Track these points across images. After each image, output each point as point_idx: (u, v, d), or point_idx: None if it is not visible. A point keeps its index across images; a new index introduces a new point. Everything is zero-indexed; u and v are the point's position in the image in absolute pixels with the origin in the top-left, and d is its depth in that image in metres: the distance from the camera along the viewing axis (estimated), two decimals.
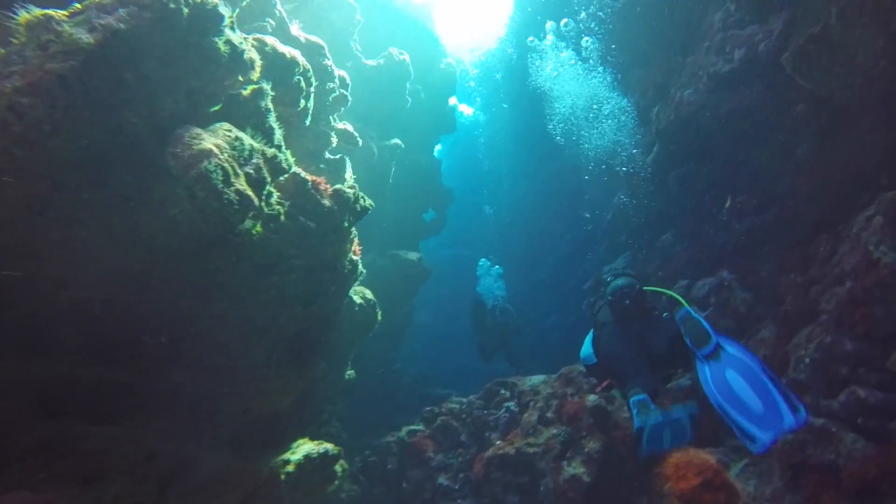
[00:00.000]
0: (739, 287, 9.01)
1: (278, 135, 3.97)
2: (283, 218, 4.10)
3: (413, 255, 10.14)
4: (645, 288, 5.09)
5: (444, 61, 13.02)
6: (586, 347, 5.22)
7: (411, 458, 7.66)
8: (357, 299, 6.37)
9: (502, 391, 7.73)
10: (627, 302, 4.86)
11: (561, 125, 13.24)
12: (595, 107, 11.89)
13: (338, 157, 6.09)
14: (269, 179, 3.67)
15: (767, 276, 8.21)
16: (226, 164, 2.97)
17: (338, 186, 4.67)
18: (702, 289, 9.16)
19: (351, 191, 4.83)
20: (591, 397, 6.86)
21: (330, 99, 5.95)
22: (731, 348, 3.94)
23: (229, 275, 4.06)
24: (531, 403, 7.16)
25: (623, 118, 11.21)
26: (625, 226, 12.65)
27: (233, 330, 4.40)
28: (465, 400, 7.92)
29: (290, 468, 4.63)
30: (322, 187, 4.55)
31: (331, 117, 6.04)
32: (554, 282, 17.98)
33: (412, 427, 8.10)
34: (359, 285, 6.83)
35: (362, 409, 10.67)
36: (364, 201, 5.08)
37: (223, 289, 4.14)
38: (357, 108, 7.56)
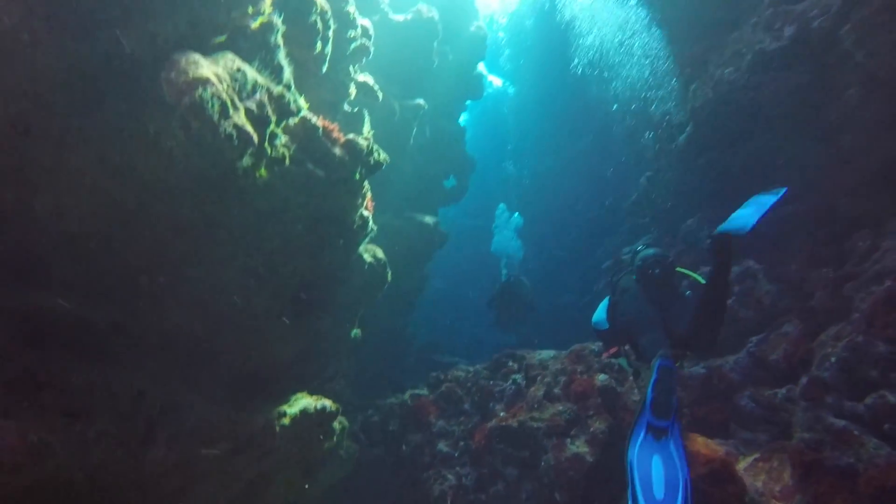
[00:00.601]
0: (766, 278, 8.64)
1: (287, 73, 3.73)
2: (288, 162, 3.90)
3: (430, 219, 9.92)
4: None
5: (475, 24, 12.51)
6: (600, 312, 5.27)
7: (413, 421, 7.60)
8: (367, 257, 6.21)
9: (510, 363, 7.58)
10: (657, 271, 4.75)
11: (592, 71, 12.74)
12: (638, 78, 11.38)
13: (356, 110, 5.85)
14: (273, 119, 3.46)
15: (797, 270, 7.83)
16: (224, 95, 2.77)
17: (351, 136, 4.44)
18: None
19: (365, 142, 4.61)
20: (601, 376, 6.65)
21: (351, 48, 5.67)
22: (675, 445, 3.70)
23: (232, 219, 3.90)
24: (539, 378, 6.99)
25: (661, 92, 10.69)
26: (649, 207, 12.23)
27: (235, 277, 4.27)
28: (471, 368, 7.80)
29: (285, 421, 4.56)
30: (335, 135, 4.33)
31: (351, 67, 5.77)
32: (573, 260, 17.66)
33: (416, 391, 8.02)
34: (370, 244, 6.66)
35: (369, 370, 10.68)
36: (378, 155, 4.85)
37: (225, 233, 4.00)
38: (380, 64, 7.27)
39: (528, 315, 10.62)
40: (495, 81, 28.58)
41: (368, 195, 5.38)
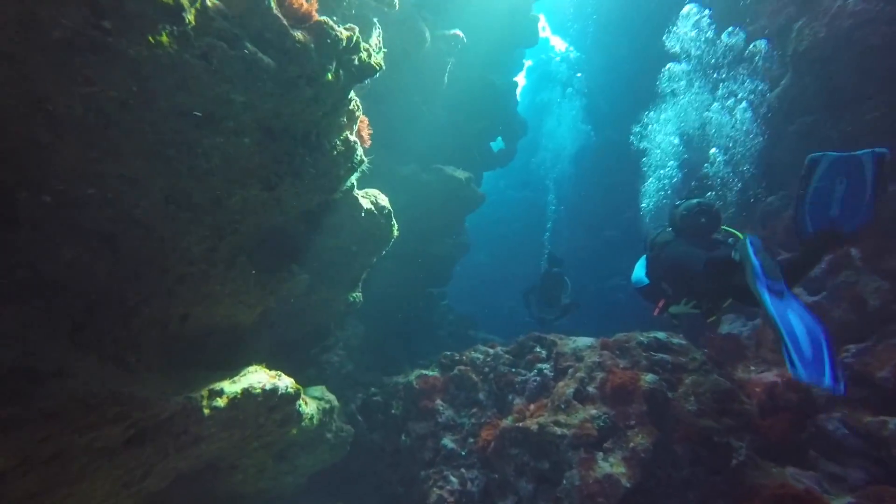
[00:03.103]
0: (870, 271, 6.91)
1: None
2: (216, 38, 2.66)
3: (461, 174, 8.55)
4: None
5: None
6: (638, 270, 5.50)
7: (417, 407, 6.43)
8: (364, 202, 4.97)
9: (537, 349, 6.24)
10: (703, 220, 4.60)
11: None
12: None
13: (353, 11, 4.55)
14: None
15: None
16: None
17: (324, 18, 3.15)
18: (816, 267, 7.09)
19: (347, 33, 3.31)
20: (649, 377, 5.24)
21: None
22: (798, 301, 3.41)
23: (136, 117, 2.73)
24: (570, 371, 5.64)
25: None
26: (721, 182, 10.42)
27: (154, 204, 3.12)
28: (491, 351, 6.52)
29: (220, 402, 3.44)
30: (301, 9, 3.05)
31: None
32: (625, 240, 15.94)
33: (425, 371, 6.82)
34: (374, 189, 5.42)
35: (386, 341, 9.60)
36: (368, 55, 3.55)
37: (136, 140, 2.83)
38: None
39: (565, 313, 9.85)
40: (558, 45, 26.46)
41: (361, 115, 4.11)
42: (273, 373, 3.98)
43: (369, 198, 5.24)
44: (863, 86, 6.78)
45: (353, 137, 3.98)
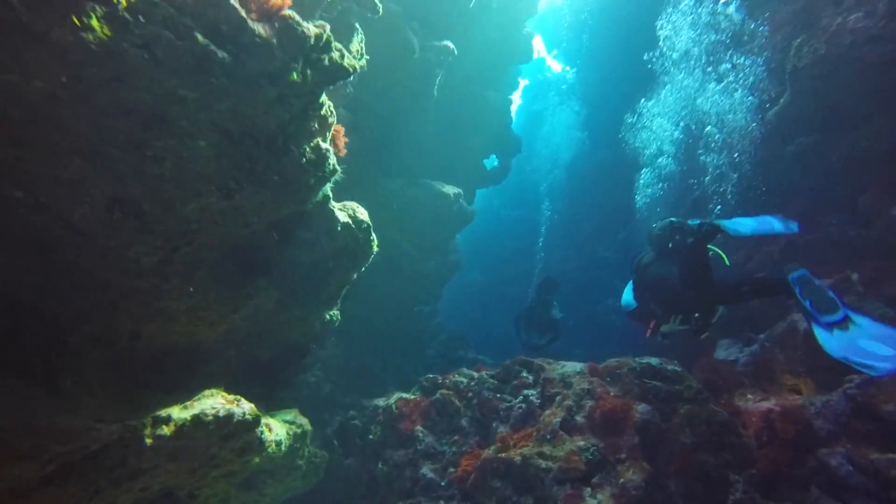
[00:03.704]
0: (873, 296, 6.64)
1: None
2: (158, 27, 2.39)
3: (450, 189, 8.29)
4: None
5: None
6: (626, 294, 5.64)
7: (396, 433, 6.07)
8: (341, 215, 4.68)
9: (524, 374, 5.91)
10: (678, 237, 4.79)
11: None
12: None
13: (337, 14, 4.31)
14: None
15: None
16: None
17: (289, 12, 2.90)
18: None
19: (317, 30, 3.05)
20: (641, 406, 4.92)
21: None
22: (860, 317, 3.64)
23: (74, 113, 2.44)
24: (557, 398, 5.30)
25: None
26: (717, 201, 10.20)
27: (97, 210, 2.82)
28: (476, 375, 6.18)
29: (165, 430, 3.10)
30: (269, 2, 2.79)
31: None
32: (620, 261, 15.62)
33: (405, 395, 6.46)
34: (353, 202, 5.14)
35: (371, 361, 9.24)
36: (341, 57, 3.29)
37: (72, 138, 2.55)
38: None
39: (553, 340, 9.77)
40: (554, 66, 26.49)
41: (334, 122, 3.83)
42: (231, 397, 3.64)
43: (347, 211, 4.95)
44: (861, 105, 6.59)
45: (325, 145, 3.70)
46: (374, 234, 5.26)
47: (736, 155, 8.91)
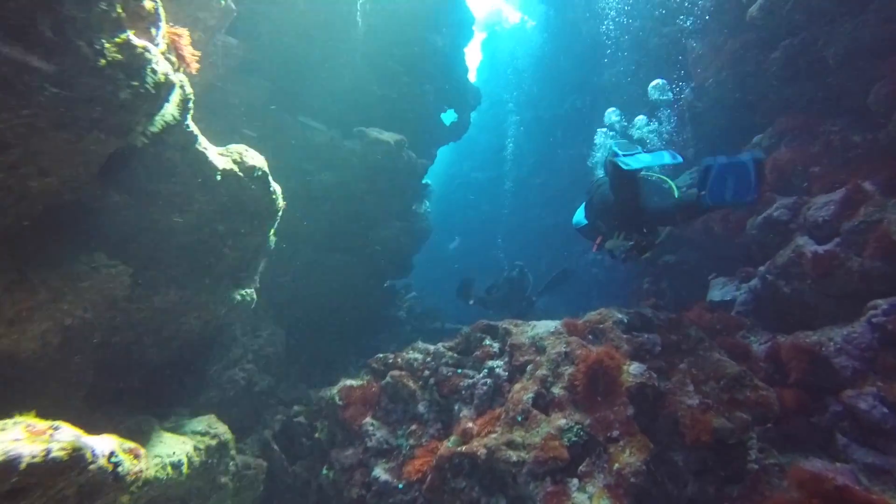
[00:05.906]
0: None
1: None
2: None
3: (389, 136, 7.05)
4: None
5: None
6: (578, 213, 6.09)
7: (342, 428, 5.00)
8: (220, 161, 3.47)
9: (487, 341, 4.84)
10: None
11: None
12: None
13: None
14: None
15: None
16: None
17: None
18: (821, 209, 5.83)
19: None
20: (634, 367, 3.89)
21: None
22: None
23: None
24: (528, 368, 4.25)
25: None
26: (695, 128, 9.16)
27: None
28: (431, 349, 5.10)
29: None
30: None
31: None
32: None
33: (350, 381, 5.36)
34: (240, 146, 3.92)
35: (328, 346, 8.11)
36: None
37: None
38: None
39: (527, 311, 9.73)
40: (512, 16, 24.87)
41: (160, 14, 2.60)
42: (42, 426, 2.47)
43: (231, 156, 3.74)
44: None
45: (139, 42, 2.47)
46: (275, 185, 4.07)
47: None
